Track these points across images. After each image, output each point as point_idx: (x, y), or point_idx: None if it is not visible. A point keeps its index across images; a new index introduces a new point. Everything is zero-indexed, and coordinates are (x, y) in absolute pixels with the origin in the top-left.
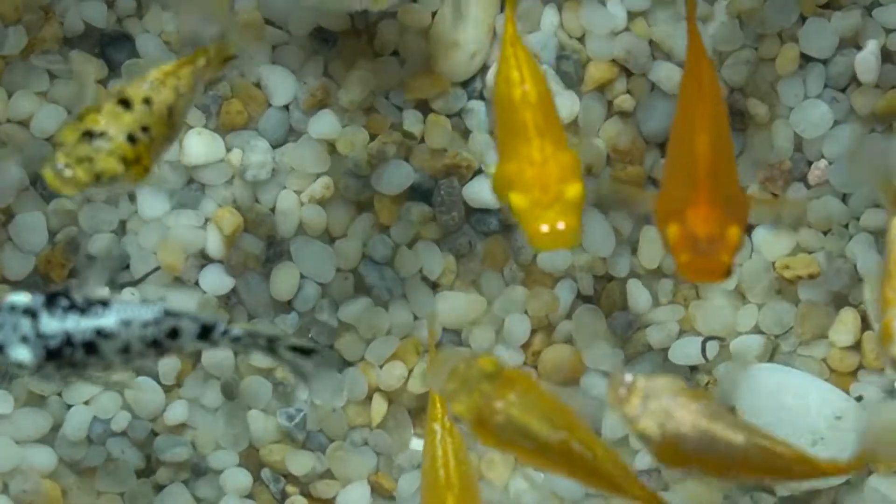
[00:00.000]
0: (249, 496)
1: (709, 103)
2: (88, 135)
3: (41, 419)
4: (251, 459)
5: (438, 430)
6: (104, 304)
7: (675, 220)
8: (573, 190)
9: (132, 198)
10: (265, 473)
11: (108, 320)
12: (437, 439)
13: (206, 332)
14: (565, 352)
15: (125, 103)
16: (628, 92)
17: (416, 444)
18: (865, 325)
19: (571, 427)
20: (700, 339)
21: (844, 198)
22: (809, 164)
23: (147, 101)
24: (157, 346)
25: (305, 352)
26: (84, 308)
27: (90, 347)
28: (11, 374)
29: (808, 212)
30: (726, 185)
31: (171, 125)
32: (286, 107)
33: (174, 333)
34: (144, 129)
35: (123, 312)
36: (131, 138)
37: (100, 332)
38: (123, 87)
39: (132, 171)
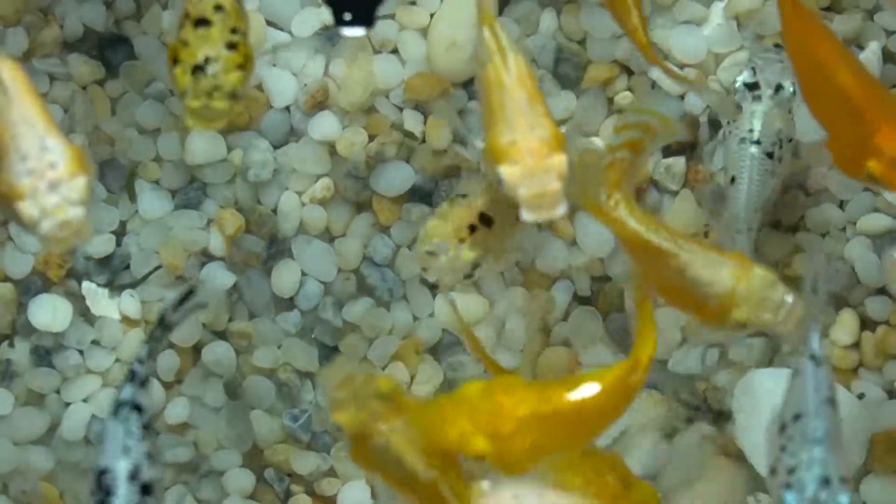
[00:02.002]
0: (252, 497)
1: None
2: (198, 69)
3: (39, 419)
4: (254, 459)
5: None
6: None
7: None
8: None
9: (132, 198)
10: (269, 473)
11: None
12: None
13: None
14: (562, 355)
15: (203, 22)
16: (629, 90)
17: None
18: (864, 325)
19: (446, 469)
20: (699, 347)
21: (841, 204)
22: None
23: (218, 7)
24: None
25: (185, 298)
26: None
27: None
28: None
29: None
30: None
31: (242, 9)
32: (287, 108)
33: None
34: (233, 30)
35: None
36: (231, 45)
37: None
38: (188, 9)
39: (248, 67)
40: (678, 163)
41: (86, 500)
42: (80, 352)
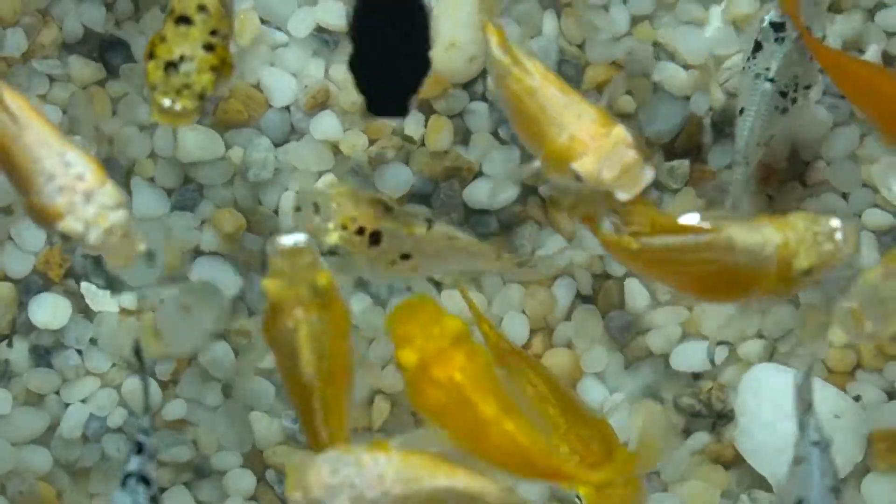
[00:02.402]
0: (253, 498)
1: None
2: (171, 65)
3: (38, 419)
4: (255, 461)
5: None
6: None
7: None
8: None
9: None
10: (270, 475)
11: None
12: None
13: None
14: (564, 356)
15: (184, 20)
16: (629, 93)
17: None
18: None
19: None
20: (702, 343)
21: (845, 196)
22: (806, 164)
23: (201, 7)
24: None
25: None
26: None
27: None
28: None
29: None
30: None
31: (228, 14)
32: (287, 108)
33: None
34: (213, 32)
35: None
36: (208, 47)
37: None
38: (174, 5)
39: (224, 72)
40: (682, 165)
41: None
42: (79, 352)
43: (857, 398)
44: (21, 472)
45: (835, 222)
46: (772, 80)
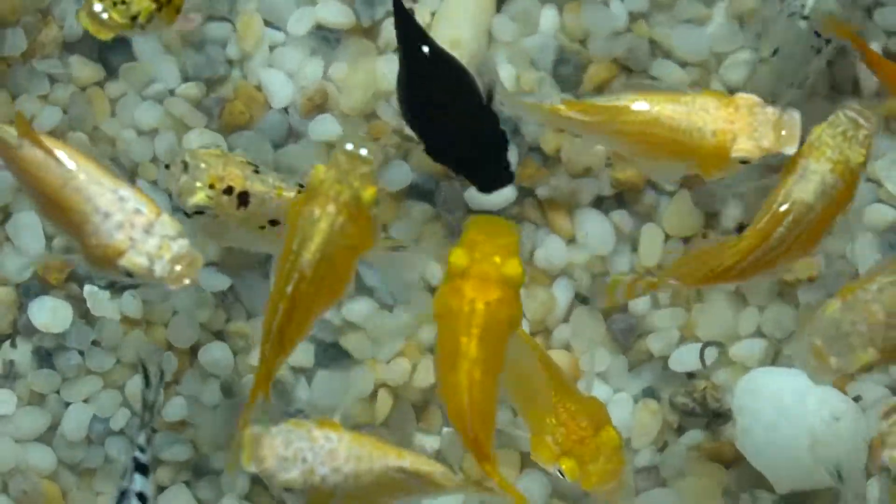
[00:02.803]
0: (247, 498)
1: None
2: None
3: (41, 418)
4: None
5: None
6: None
7: None
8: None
9: None
10: None
11: None
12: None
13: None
14: (563, 358)
15: None
16: None
17: (419, 438)
18: None
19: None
20: (698, 345)
21: None
22: None
23: None
24: None
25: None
26: None
27: None
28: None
29: None
30: None
31: None
32: (285, 109)
33: None
34: None
35: None
36: None
37: None
38: None
39: (165, 11)
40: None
41: None
42: (81, 353)
43: (857, 399)
44: (24, 470)
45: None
46: (806, 17)
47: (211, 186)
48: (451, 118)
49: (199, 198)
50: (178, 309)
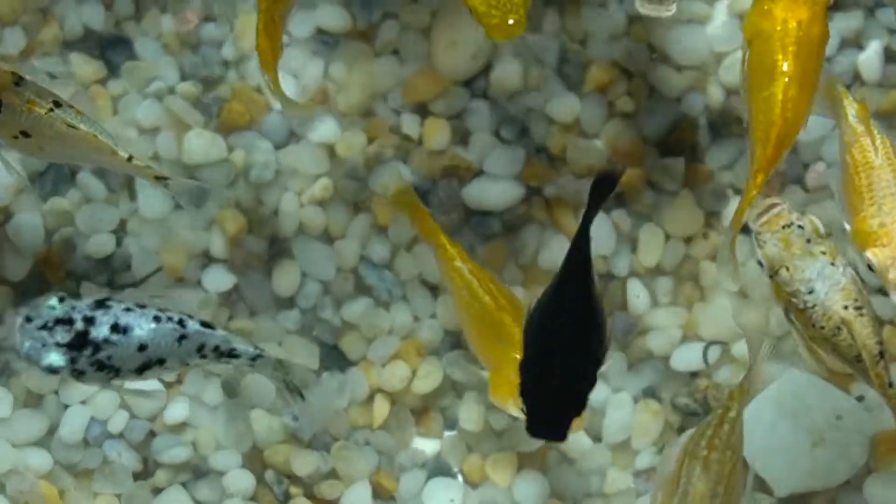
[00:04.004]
0: (253, 499)
1: None
2: None
3: (38, 421)
4: (254, 461)
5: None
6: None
7: None
8: None
9: (132, 197)
10: (269, 475)
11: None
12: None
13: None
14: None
15: None
16: (628, 94)
17: (419, 442)
18: None
19: None
20: (701, 344)
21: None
22: (805, 166)
23: None
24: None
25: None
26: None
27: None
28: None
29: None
30: None
31: None
32: None
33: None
34: None
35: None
36: None
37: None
38: None
39: None
40: (677, 163)
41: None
42: None
43: (859, 398)
44: (21, 471)
45: None
46: None
47: None
48: (559, 351)
49: None
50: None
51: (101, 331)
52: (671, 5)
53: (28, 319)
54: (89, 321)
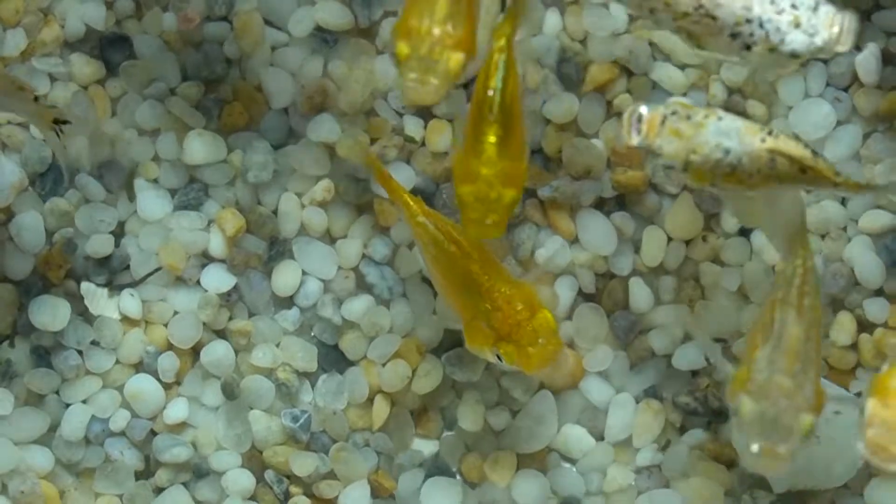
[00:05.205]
0: (253, 498)
1: None
2: None
3: (39, 419)
4: (254, 461)
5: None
6: None
7: None
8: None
9: (131, 198)
10: (269, 475)
11: None
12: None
13: None
14: (566, 356)
15: None
16: (628, 91)
17: (418, 443)
18: (861, 326)
19: None
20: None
21: (843, 201)
22: None
23: None
24: None
25: None
26: None
27: None
28: None
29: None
30: None
31: None
32: (285, 109)
33: None
34: None
35: None
36: None
37: None
38: None
39: None
40: None
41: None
42: (80, 352)
43: (858, 395)
44: (23, 471)
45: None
46: None
47: None
48: None
49: None
50: (179, 309)
51: None
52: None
53: None
54: None
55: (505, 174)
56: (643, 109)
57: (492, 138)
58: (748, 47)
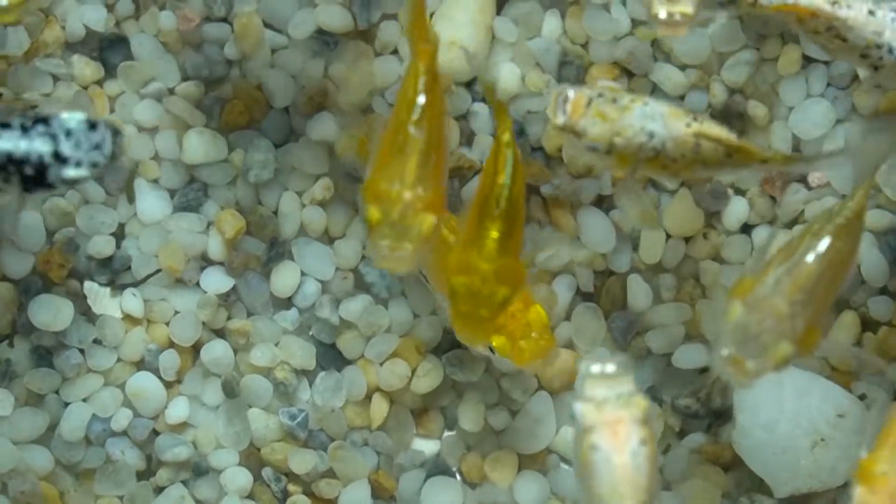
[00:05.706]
0: (250, 496)
1: None
2: None
3: (39, 419)
4: (252, 459)
5: None
6: None
7: None
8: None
9: (130, 199)
10: (266, 473)
11: None
12: None
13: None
14: (565, 356)
15: None
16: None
17: (419, 443)
18: (865, 325)
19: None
20: (702, 343)
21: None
22: None
23: None
24: None
25: None
26: None
27: None
28: None
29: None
30: None
31: None
32: (286, 109)
33: None
34: None
35: None
36: None
37: None
38: None
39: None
40: None
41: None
42: (81, 351)
43: (862, 396)
44: (22, 471)
45: None
46: None
47: None
48: None
49: None
50: (179, 308)
51: None
52: (687, 23)
53: None
54: None
55: (502, 271)
56: (570, 91)
57: (494, 233)
58: (876, 69)
